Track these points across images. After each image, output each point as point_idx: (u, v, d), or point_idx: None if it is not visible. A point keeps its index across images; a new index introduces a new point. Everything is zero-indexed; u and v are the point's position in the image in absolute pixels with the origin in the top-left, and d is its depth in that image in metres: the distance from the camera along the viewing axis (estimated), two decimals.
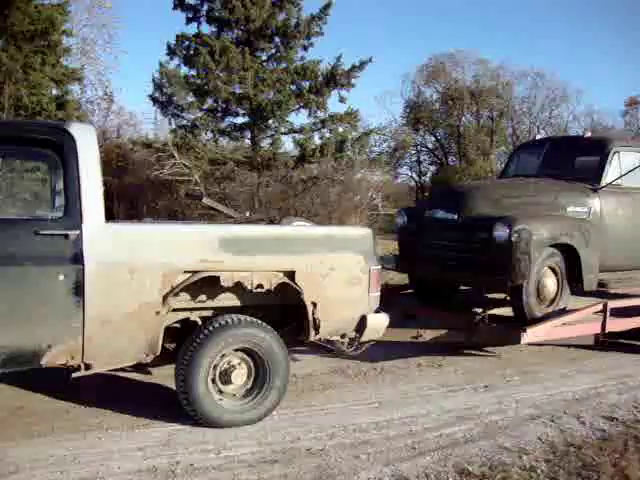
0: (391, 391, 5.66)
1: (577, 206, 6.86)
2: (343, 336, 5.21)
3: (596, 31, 58.14)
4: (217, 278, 4.42)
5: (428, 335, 6.30)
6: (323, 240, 4.83)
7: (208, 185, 18.23)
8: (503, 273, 6.03)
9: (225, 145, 20.81)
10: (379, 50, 56.67)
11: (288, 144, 21.90)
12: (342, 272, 4.78)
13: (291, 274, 4.61)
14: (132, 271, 4.14)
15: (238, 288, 4.55)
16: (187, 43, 18.26)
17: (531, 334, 5.96)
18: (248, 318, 4.63)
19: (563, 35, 57.95)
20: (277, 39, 18.78)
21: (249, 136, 19.82)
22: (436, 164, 35.40)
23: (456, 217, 6.49)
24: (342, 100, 18.95)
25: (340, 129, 19.72)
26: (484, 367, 6.58)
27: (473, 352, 7.04)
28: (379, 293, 5.07)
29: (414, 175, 36.08)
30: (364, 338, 5.09)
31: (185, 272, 4.34)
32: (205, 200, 6.13)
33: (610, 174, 7.18)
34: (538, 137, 8.87)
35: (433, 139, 35.43)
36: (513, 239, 5.94)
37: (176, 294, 4.39)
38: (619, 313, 6.97)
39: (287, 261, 4.62)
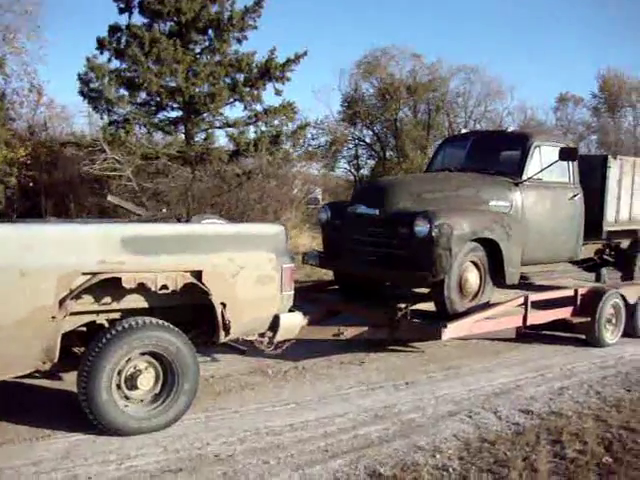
0: (310, 391, 5.54)
1: (499, 200, 6.87)
2: (262, 335, 5.07)
3: (529, 29, 59.37)
4: (119, 279, 4.20)
5: (349, 333, 6.19)
6: (232, 238, 4.65)
7: (141, 181, 17.75)
8: (424, 268, 5.97)
9: (158, 140, 20.31)
10: (317, 44, 56.40)
11: (223, 138, 21.55)
12: (253, 271, 4.63)
13: (198, 274, 4.43)
14: (23, 274, 3.87)
15: (143, 289, 4.33)
16: (118, 35, 17.72)
17: (452, 329, 5.92)
18: (154, 320, 4.42)
19: (497, 33, 58.96)
20: (210, 32, 18.43)
21: (183, 130, 19.42)
22: (374, 158, 35.47)
23: (377, 212, 6.40)
24: (278, 93, 18.71)
25: (276, 122, 19.50)
26: (407, 363, 6.54)
27: (398, 348, 7.00)
28: (292, 291, 4.94)
29: (352, 169, 36.02)
30: (278, 338, 4.96)
31: (84, 274, 4.09)
32: (110, 198, 5.88)
33: (531, 168, 7.22)
34: (464, 131, 8.88)
35: (371, 133, 35.45)
36: (434, 234, 5.89)
37: (77, 297, 4.15)
38: (540, 305, 7.05)
39: (193, 261, 4.42)
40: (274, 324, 4.85)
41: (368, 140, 35.73)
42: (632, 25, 59.07)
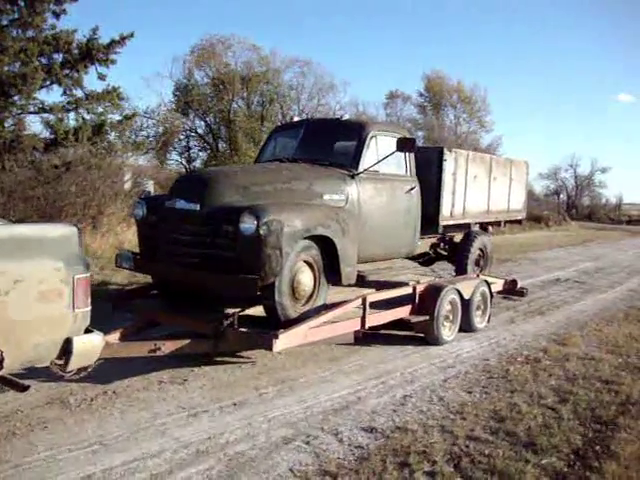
0: (120, 423, 4.61)
1: (334, 193, 6.33)
2: (60, 357, 4.07)
3: (364, 27, 61.06)
4: None
5: (167, 347, 5.33)
6: (3, 244, 3.61)
7: None
8: (252, 271, 5.25)
9: None
10: (150, 29, 53.86)
11: (38, 125, 19.57)
12: (33, 285, 3.62)
13: None
14: None
15: None
16: None
17: (285, 339, 5.26)
18: None
19: (332, 29, 60.03)
20: (21, 1, 16.39)
21: None
22: (206, 150, 34.39)
23: (198, 208, 5.58)
24: (101, 77, 17.12)
25: (100, 109, 17.90)
26: (237, 378, 5.78)
27: (227, 360, 6.22)
28: (89, 307, 3.98)
29: (184, 162, 34.65)
30: (72, 366, 3.97)
31: None
32: None
33: (367, 159, 6.78)
34: (296, 119, 8.26)
35: (204, 124, 34.33)
36: (262, 232, 5.20)
37: None
38: (379, 305, 6.63)
39: None
40: (65, 350, 3.87)
41: (200, 131, 34.63)
42: (453, 29, 62.88)
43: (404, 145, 6.62)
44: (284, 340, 5.25)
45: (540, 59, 73.55)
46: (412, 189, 7.28)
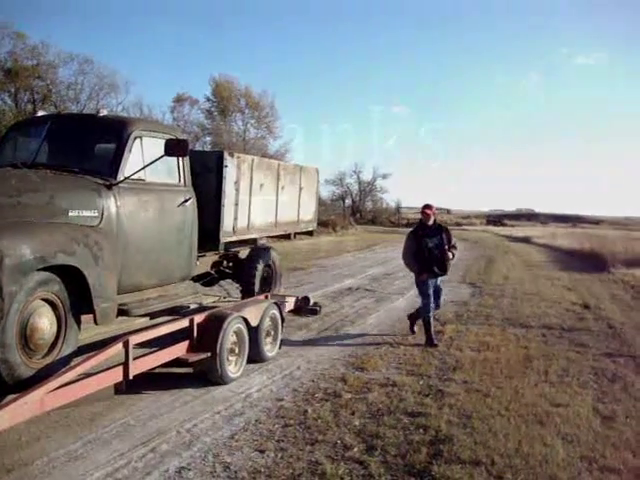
0: None
1: (84, 209, 4.98)
2: None
3: (150, 25, 58.52)
4: None
5: None
6: None
7: None
8: None
9: None
10: None
11: None
12: None
13: None
14: None
15: None
16: None
17: (5, 416, 3.81)
18: None
19: (117, 24, 56.74)
20: None
21: None
22: None
23: None
24: None
25: None
26: None
27: None
28: None
29: None
30: None
31: None
32: None
33: (130, 165, 5.51)
34: (40, 113, 6.67)
35: None
36: None
37: None
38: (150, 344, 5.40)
39: None
40: None
41: None
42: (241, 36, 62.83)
43: (174, 148, 5.45)
44: (4, 417, 3.81)
45: (329, 68, 76.29)
46: (186, 201, 6.11)
